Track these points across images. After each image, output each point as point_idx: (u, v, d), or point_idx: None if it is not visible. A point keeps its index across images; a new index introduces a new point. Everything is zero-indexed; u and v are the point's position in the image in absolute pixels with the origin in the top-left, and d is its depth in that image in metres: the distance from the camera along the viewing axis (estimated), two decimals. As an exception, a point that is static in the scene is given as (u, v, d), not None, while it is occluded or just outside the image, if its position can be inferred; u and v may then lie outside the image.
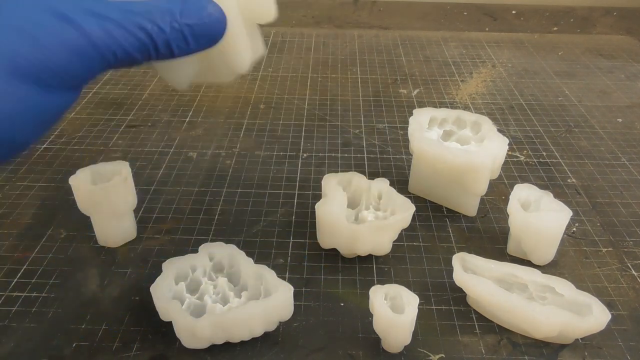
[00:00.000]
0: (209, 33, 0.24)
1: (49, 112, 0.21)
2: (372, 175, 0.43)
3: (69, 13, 0.20)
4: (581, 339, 0.32)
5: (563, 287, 0.32)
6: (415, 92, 0.62)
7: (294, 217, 0.42)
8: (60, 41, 0.20)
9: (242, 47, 0.29)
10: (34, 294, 0.34)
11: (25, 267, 0.36)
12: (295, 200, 0.43)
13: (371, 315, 0.31)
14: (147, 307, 0.33)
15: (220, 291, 0.32)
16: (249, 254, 0.33)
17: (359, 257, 0.38)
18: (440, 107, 0.53)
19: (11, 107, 0.20)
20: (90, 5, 0.21)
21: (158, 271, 0.32)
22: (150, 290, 0.30)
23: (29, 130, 0.21)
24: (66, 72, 0.21)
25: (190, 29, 0.23)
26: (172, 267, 0.32)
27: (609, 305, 0.34)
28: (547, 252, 0.37)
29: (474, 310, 0.34)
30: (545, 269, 0.37)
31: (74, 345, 0.31)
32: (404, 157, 0.49)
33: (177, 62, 0.27)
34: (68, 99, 0.22)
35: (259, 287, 0.32)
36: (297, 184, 0.45)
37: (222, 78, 0.31)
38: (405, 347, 0.31)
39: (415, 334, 0.31)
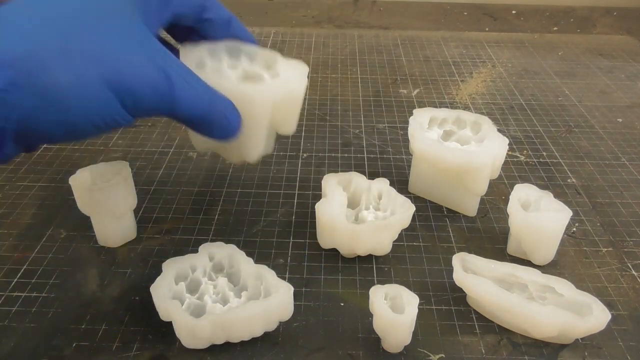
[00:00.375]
0: (233, 133, 0.31)
1: (109, 125, 0.26)
2: (372, 175, 0.43)
3: (170, 70, 0.26)
4: (581, 339, 0.32)
5: (563, 287, 0.32)
6: (415, 92, 0.62)
7: (294, 217, 0.42)
8: (153, 84, 0.26)
9: (257, 145, 0.36)
10: (34, 294, 0.34)
11: (25, 267, 0.36)
12: (295, 200, 0.43)
13: (371, 315, 0.31)
14: (147, 307, 0.33)
15: (220, 291, 0.32)
16: (249, 254, 0.33)
17: (359, 257, 0.38)
18: (440, 107, 0.53)
19: (95, 106, 0.24)
20: (184, 73, 0.27)
21: (158, 271, 0.32)
22: (150, 290, 0.30)
23: (90, 131, 0.25)
24: (142, 104, 0.26)
25: (228, 121, 0.30)
26: (172, 267, 0.32)
27: (609, 305, 0.34)
28: (547, 252, 0.37)
29: (474, 310, 0.34)
30: (545, 269, 0.37)
31: (74, 345, 0.31)
32: (404, 157, 0.49)
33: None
34: (126, 122, 0.26)
35: (259, 287, 0.32)
36: (297, 184, 0.45)
37: (232, 159, 0.38)
38: (405, 347, 0.31)
39: (415, 334, 0.31)
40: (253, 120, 0.34)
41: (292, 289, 0.31)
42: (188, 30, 0.34)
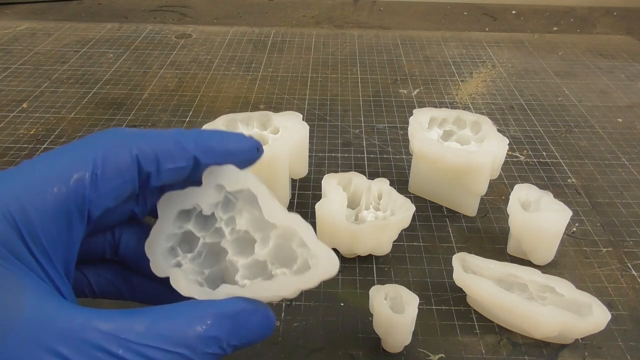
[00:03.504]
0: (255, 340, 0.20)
1: None
2: (372, 175, 0.43)
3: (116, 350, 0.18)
4: (581, 339, 0.32)
5: (563, 287, 0.32)
6: (415, 92, 0.62)
7: (294, 217, 0.42)
8: None
9: (285, 195, 0.40)
10: (34, 294, 0.34)
11: (25, 267, 0.36)
12: (296, 200, 0.43)
13: (371, 315, 0.31)
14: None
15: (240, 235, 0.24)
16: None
17: (359, 257, 0.38)
18: (440, 107, 0.53)
19: None
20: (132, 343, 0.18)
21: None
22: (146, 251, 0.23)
23: None
24: None
25: (234, 348, 0.20)
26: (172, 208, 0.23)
27: (609, 305, 0.34)
28: (547, 252, 0.37)
29: (474, 310, 0.34)
30: (545, 269, 0.37)
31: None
32: (404, 157, 0.49)
33: None
34: None
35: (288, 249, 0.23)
36: (297, 184, 0.45)
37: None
38: (405, 347, 0.31)
39: (415, 334, 0.31)
40: (278, 174, 0.38)
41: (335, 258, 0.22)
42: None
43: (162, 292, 0.24)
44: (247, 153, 0.23)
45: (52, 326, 0.17)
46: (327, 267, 0.21)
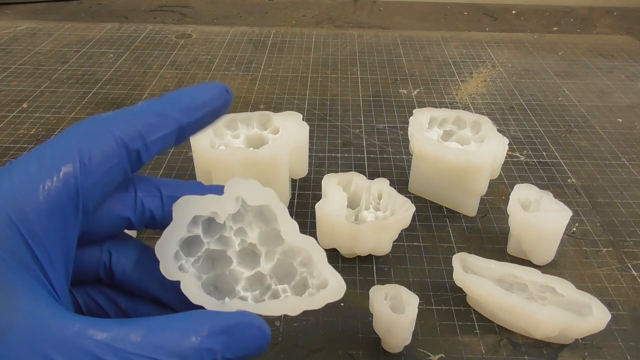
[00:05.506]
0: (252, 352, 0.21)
1: None
2: (372, 175, 0.43)
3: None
4: (581, 339, 0.32)
5: (563, 287, 0.32)
6: (415, 92, 0.62)
7: (294, 217, 0.41)
8: None
9: (285, 195, 0.40)
10: (34, 294, 0.34)
11: (25, 267, 0.36)
12: (296, 200, 0.43)
13: (371, 315, 0.31)
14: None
15: (247, 247, 0.24)
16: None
17: (359, 257, 0.38)
18: (440, 107, 0.53)
19: None
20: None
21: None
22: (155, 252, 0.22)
23: None
24: None
25: None
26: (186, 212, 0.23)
27: (609, 305, 0.34)
28: (547, 252, 0.37)
29: (474, 310, 0.34)
30: (545, 269, 0.37)
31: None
32: (404, 157, 0.49)
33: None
34: None
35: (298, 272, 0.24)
36: (297, 184, 0.45)
37: None
38: (405, 347, 0.31)
39: (415, 334, 0.31)
40: (278, 174, 0.38)
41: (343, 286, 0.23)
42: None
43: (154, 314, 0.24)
44: (219, 98, 0.23)
45: (46, 333, 0.17)
46: (334, 290, 0.22)
